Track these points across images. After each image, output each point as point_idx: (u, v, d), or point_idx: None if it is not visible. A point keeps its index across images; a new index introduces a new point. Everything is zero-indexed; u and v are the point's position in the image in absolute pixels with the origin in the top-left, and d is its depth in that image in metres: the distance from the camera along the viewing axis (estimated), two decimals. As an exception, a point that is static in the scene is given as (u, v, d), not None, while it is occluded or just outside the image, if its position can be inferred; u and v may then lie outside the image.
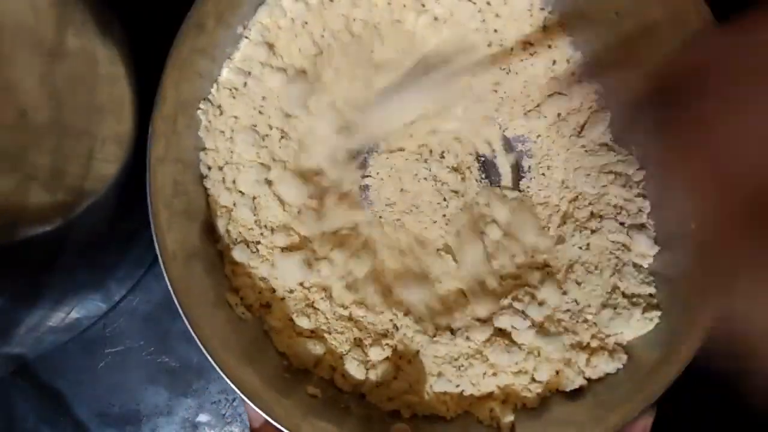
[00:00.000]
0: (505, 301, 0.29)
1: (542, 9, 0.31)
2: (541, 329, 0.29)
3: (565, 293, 0.29)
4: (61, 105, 0.20)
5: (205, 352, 0.24)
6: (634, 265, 0.29)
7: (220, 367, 0.24)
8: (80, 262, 0.25)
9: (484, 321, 0.29)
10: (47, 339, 0.27)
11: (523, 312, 0.29)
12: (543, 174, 0.31)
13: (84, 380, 0.34)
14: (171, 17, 0.26)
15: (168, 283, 0.25)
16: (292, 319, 0.29)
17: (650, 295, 0.28)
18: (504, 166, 0.32)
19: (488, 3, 0.31)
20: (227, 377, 0.24)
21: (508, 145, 0.32)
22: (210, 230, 0.30)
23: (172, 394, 0.34)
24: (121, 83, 0.25)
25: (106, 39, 0.23)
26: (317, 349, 0.29)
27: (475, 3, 0.31)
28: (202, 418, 0.35)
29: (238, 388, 0.24)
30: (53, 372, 0.34)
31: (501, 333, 0.29)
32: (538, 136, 0.32)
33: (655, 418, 0.25)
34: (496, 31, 0.31)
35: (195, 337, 0.24)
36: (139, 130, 0.26)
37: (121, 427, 0.34)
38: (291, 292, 0.29)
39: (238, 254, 0.29)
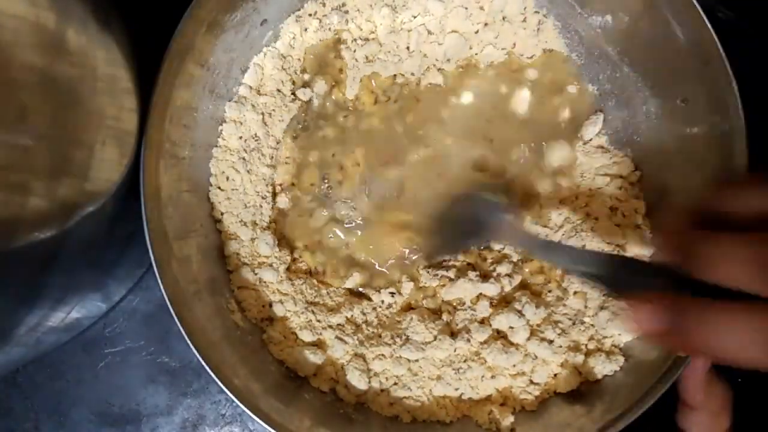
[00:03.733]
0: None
1: (536, 12, 0.31)
2: (538, 331, 0.29)
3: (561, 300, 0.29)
4: (61, 106, 0.20)
5: (202, 361, 0.24)
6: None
7: (218, 376, 0.24)
8: (80, 262, 0.25)
9: (482, 321, 0.29)
10: (47, 339, 0.27)
11: (520, 311, 0.29)
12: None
13: (84, 380, 0.34)
14: (172, 17, 0.26)
15: (163, 292, 0.25)
16: (294, 333, 0.30)
17: (647, 296, 0.28)
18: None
19: (481, 8, 0.31)
20: (225, 386, 0.24)
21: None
22: (208, 241, 0.30)
23: (172, 394, 0.34)
24: (121, 84, 0.25)
25: (106, 39, 0.23)
26: (317, 358, 0.29)
27: (466, 8, 0.31)
28: (202, 418, 0.35)
29: (237, 397, 0.24)
30: (53, 372, 0.34)
31: (499, 335, 0.29)
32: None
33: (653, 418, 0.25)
34: (494, 36, 0.31)
35: (192, 348, 0.24)
36: (140, 131, 0.26)
37: (121, 427, 0.34)
38: (296, 313, 0.30)
39: (245, 274, 0.30)
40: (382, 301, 0.30)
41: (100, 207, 0.23)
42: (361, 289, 0.31)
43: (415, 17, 0.31)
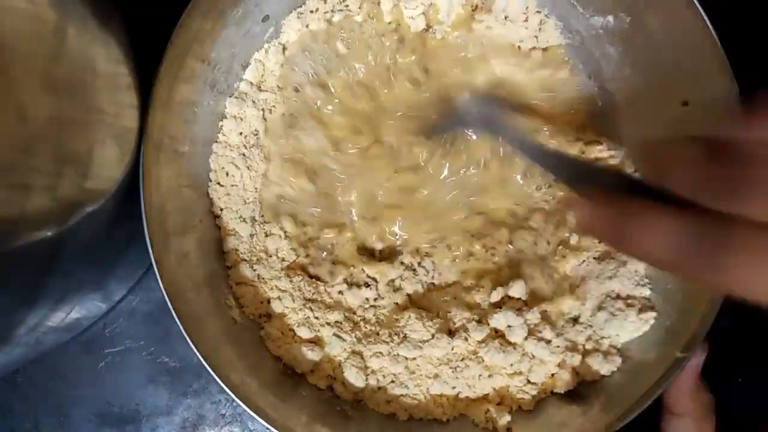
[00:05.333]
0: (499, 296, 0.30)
1: (538, 12, 0.31)
2: (536, 331, 0.29)
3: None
4: (61, 105, 0.20)
5: (199, 356, 0.24)
6: (629, 267, 0.29)
7: (215, 372, 0.24)
8: (80, 262, 0.25)
9: (480, 321, 0.29)
10: (47, 339, 0.27)
11: (518, 309, 0.29)
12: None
13: (84, 380, 0.34)
14: (173, 12, 0.26)
15: (161, 287, 0.25)
16: (292, 329, 0.30)
17: (645, 297, 0.28)
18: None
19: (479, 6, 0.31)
20: (222, 382, 0.24)
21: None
22: (207, 237, 0.30)
23: (172, 394, 0.34)
24: (121, 81, 0.25)
25: (106, 36, 0.23)
26: (315, 354, 0.29)
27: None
28: (202, 418, 0.35)
29: (234, 393, 0.24)
30: (53, 372, 0.34)
31: (497, 334, 0.29)
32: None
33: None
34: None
35: (190, 343, 0.24)
36: (140, 128, 0.26)
37: (121, 427, 0.34)
38: (294, 310, 0.30)
39: (244, 270, 0.30)
40: (366, 299, 0.30)
41: (101, 206, 0.23)
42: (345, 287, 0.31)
43: (418, 6, 0.31)
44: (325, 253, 0.31)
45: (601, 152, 0.30)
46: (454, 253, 0.31)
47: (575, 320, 0.29)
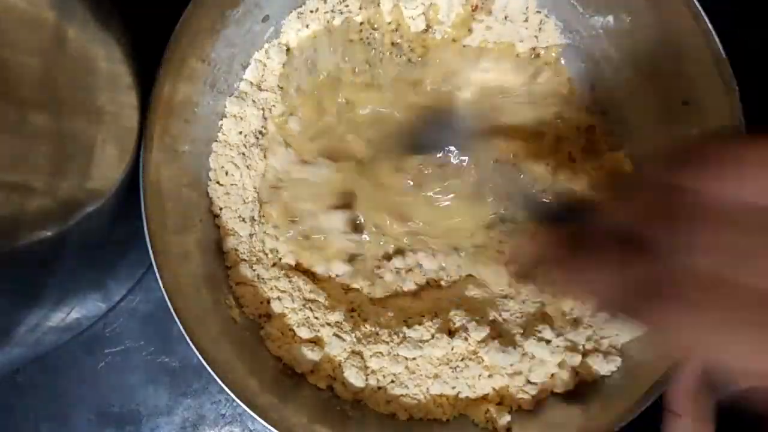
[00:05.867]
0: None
1: (538, 12, 0.31)
2: (536, 331, 0.29)
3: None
4: (61, 105, 0.20)
5: (199, 356, 0.24)
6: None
7: (215, 372, 0.24)
8: (80, 262, 0.25)
9: (480, 320, 0.29)
10: (47, 339, 0.27)
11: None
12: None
13: (84, 380, 0.34)
14: (174, 12, 0.26)
15: (162, 286, 0.25)
16: (292, 329, 0.30)
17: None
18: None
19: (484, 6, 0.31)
20: (222, 382, 0.24)
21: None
22: (207, 236, 0.30)
23: (172, 394, 0.34)
24: (122, 81, 0.25)
25: (106, 36, 0.23)
26: (315, 355, 0.29)
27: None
28: (202, 418, 0.35)
29: (234, 393, 0.24)
30: (53, 372, 0.34)
31: (497, 335, 0.29)
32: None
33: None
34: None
35: (190, 343, 0.24)
36: (141, 128, 0.26)
37: (121, 427, 0.34)
38: (294, 310, 0.30)
39: (244, 270, 0.30)
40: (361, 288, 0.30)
41: (101, 206, 0.23)
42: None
43: (418, 7, 0.31)
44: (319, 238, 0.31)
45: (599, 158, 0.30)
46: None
47: (575, 320, 0.29)
